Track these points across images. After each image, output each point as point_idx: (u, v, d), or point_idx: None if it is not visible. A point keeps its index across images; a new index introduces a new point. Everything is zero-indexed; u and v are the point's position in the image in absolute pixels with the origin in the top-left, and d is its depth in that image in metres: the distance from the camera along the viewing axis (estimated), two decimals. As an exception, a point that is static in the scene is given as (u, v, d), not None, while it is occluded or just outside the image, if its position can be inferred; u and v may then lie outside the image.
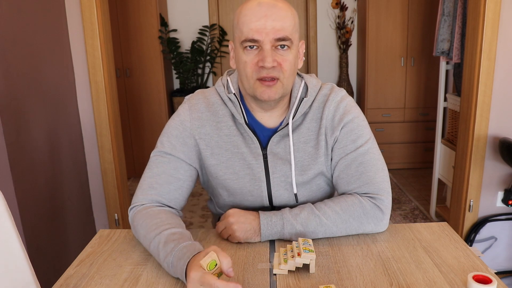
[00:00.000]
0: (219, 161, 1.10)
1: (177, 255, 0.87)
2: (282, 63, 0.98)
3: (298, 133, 1.10)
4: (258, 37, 0.96)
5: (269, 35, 0.96)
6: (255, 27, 0.96)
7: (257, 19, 0.96)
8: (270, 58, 0.96)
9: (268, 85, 0.99)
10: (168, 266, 0.88)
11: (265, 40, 0.96)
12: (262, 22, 0.96)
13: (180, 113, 1.13)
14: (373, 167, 1.06)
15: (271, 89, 1.00)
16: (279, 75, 0.99)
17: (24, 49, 1.72)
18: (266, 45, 0.96)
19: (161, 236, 0.93)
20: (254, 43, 0.97)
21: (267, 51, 0.96)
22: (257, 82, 1.00)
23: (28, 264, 0.74)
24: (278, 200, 1.13)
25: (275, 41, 0.97)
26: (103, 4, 2.18)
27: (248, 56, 0.99)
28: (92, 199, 2.34)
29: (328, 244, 1.02)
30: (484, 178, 2.18)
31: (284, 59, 0.99)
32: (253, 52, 0.98)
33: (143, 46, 3.64)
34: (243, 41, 0.98)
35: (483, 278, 0.81)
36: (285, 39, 0.97)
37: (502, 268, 2.32)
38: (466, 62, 2.16)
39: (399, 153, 3.94)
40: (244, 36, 0.97)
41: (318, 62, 4.21)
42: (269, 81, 0.99)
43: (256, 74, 0.99)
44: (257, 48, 0.98)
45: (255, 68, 0.99)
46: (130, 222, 1.08)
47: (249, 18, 0.97)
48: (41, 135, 1.82)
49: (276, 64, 0.98)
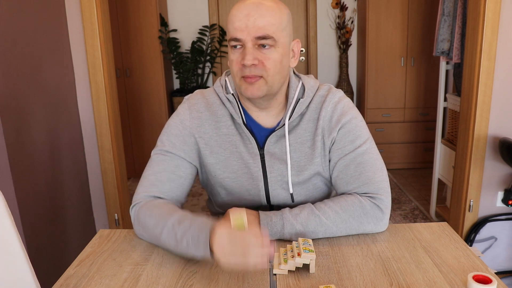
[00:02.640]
0: (217, 160, 1.11)
1: (198, 228, 0.89)
2: (264, 61, 0.98)
3: (295, 133, 1.10)
4: (240, 35, 0.97)
5: (250, 34, 0.97)
6: (238, 26, 0.97)
7: (239, 18, 0.97)
8: (249, 56, 0.97)
9: (250, 82, 1.00)
10: (188, 242, 0.89)
11: (246, 39, 0.97)
12: (244, 21, 0.96)
13: (180, 113, 1.14)
14: (372, 167, 1.06)
15: (253, 86, 1.00)
16: (261, 73, 0.99)
17: (24, 49, 1.72)
18: (248, 43, 0.97)
19: (174, 217, 0.95)
20: (238, 42, 0.98)
21: (248, 49, 0.97)
22: (241, 80, 1.01)
23: (28, 264, 0.74)
24: (275, 199, 1.13)
25: (256, 40, 0.97)
26: (103, 4, 2.18)
27: (234, 55, 1.01)
28: (92, 199, 2.34)
29: (328, 244, 1.02)
30: (484, 178, 2.18)
31: (266, 57, 0.99)
32: (238, 51, 1.00)
33: (143, 46, 3.64)
34: (229, 40, 1.00)
35: (483, 278, 0.81)
36: (266, 37, 0.97)
37: (502, 268, 2.32)
38: (466, 62, 2.16)
39: (399, 153, 3.94)
40: (230, 35, 0.99)
41: (318, 62, 4.21)
42: (250, 77, 0.99)
43: (240, 72, 1.00)
44: (241, 47, 0.99)
45: (239, 66, 1.00)
46: (133, 219, 1.07)
47: (234, 17, 0.99)
48: (41, 135, 1.82)
49: (257, 62, 0.98)
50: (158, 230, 0.97)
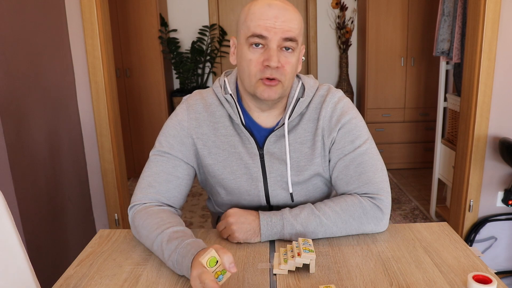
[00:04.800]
0: (216, 160, 1.11)
1: (182, 252, 0.87)
2: (285, 65, 0.99)
3: (294, 133, 1.10)
4: (267, 34, 0.97)
5: (277, 34, 0.97)
6: (264, 25, 0.97)
7: (267, 18, 0.97)
8: (276, 57, 0.97)
9: (269, 85, 1.00)
10: (173, 264, 0.89)
11: (273, 39, 0.97)
12: (272, 21, 0.97)
13: (178, 113, 1.13)
14: (372, 167, 1.06)
15: (271, 89, 1.00)
16: (281, 77, 1.00)
17: (24, 49, 1.72)
18: (273, 44, 0.97)
19: (164, 234, 0.94)
20: (261, 41, 0.98)
21: (273, 50, 0.97)
22: (259, 81, 1.00)
23: (28, 264, 0.74)
24: (275, 199, 1.13)
25: (282, 41, 0.97)
26: (103, 4, 2.18)
27: (253, 54, 0.99)
28: (92, 199, 2.34)
29: (328, 244, 1.02)
30: (484, 178, 2.18)
31: (288, 61, 0.99)
32: (259, 50, 0.99)
33: (143, 46, 3.64)
34: (250, 37, 0.98)
35: (483, 278, 0.81)
36: (292, 39, 0.98)
37: (502, 268, 2.32)
38: (466, 62, 2.16)
39: (399, 153, 3.94)
40: (252, 31, 0.98)
41: (318, 62, 4.21)
42: (271, 80, 0.99)
43: (260, 73, 0.99)
44: (262, 47, 0.99)
45: (259, 67, 0.99)
46: (130, 221, 1.08)
47: (258, 15, 0.98)
48: (41, 135, 1.82)
49: (280, 65, 0.98)
50: (149, 242, 0.98)
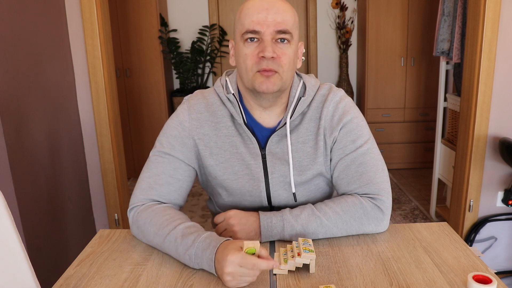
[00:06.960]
0: (218, 161, 1.10)
1: (201, 246, 0.90)
2: (281, 56, 1.00)
3: (296, 133, 1.10)
4: (259, 28, 0.98)
5: (270, 27, 0.98)
6: (257, 19, 0.98)
7: (258, 12, 0.98)
8: (270, 48, 0.98)
9: (267, 76, 1.00)
10: (191, 258, 0.91)
11: (266, 32, 0.98)
12: (264, 14, 0.98)
13: (179, 114, 1.13)
14: (373, 168, 1.06)
15: (269, 80, 1.00)
16: (278, 68, 1.00)
17: (24, 49, 1.72)
18: (267, 36, 0.98)
19: (177, 230, 0.95)
20: (255, 35, 0.99)
21: (267, 41, 0.98)
22: (256, 74, 1.01)
23: (28, 264, 0.74)
24: (277, 200, 1.13)
25: (275, 33, 0.98)
26: (103, 4, 2.18)
27: (248, 49, 1.00)
28: (92, 199, 2.34)
29: (328, 244, 1.02)
30: (484, 178, 2.18)
31: (283, 52, 1.00)
32: (253, 44, 1.00)
33: (143, 46, 3.64)
34: (244, 33, 1.00)
35: (483, 278, 0.81)
36: (286, 32, 0.99)
37: (502, 268, 2.32)
38: (466, 62, 2.16)
39: (399, 153, 3.94)
40: (245, 28, 0.99)
41: (318, 62, 4.21)
42: (268, 70, 0.99)
43: (256, 66, 1.00)
44: (257, 40, 1.00)
45: (255, 60, 1.00)
46: (130, 222, 1.07)
47: (250, 11, 0.99)
48: (41, 135, 1.82)
49: (275, 56, 0.99)
50: (159, 239, 0.98)
